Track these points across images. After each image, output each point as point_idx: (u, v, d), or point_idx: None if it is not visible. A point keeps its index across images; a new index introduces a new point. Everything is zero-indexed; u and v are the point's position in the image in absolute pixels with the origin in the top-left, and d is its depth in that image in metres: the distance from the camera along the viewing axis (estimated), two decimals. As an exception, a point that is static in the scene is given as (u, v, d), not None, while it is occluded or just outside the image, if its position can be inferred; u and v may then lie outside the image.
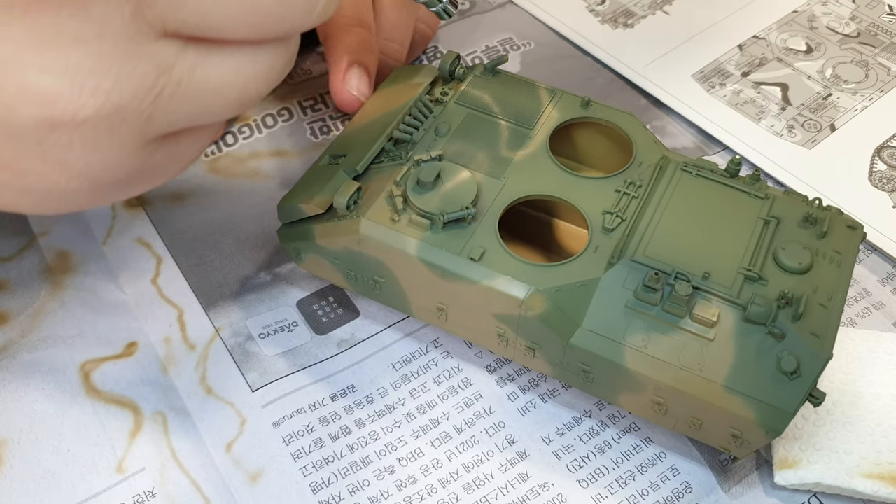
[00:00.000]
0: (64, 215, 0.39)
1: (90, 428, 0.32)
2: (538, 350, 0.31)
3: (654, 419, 0.31)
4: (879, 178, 0.42)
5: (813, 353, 0.28)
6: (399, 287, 0.32)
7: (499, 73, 0.37)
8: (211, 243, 0.38)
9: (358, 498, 0.31)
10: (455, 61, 0.37)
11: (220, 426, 0.33)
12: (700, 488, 0.32)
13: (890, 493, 0.30)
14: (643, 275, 0.29)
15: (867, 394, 0.32)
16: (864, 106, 0.45)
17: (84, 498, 0.31)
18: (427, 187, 0.31)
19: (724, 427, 0.29)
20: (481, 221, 0.31)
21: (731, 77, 0.47)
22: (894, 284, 0.38)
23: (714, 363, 0.28)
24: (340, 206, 0.31)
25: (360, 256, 0.32)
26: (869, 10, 0.51)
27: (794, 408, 0.28)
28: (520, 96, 0.36)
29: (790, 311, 0.28)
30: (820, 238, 0.31)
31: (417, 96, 0.36)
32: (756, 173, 0.33)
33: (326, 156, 0.35)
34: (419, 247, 0.31)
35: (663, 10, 0.51)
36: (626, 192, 0.32)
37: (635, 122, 0.35)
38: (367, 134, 0.35)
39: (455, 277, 0.30)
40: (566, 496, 0.31)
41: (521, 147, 0.34)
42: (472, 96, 0.36)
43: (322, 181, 0.33)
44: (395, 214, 0.31)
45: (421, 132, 0.34)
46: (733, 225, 0.31)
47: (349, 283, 0.34)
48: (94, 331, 0.35)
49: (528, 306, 0.29)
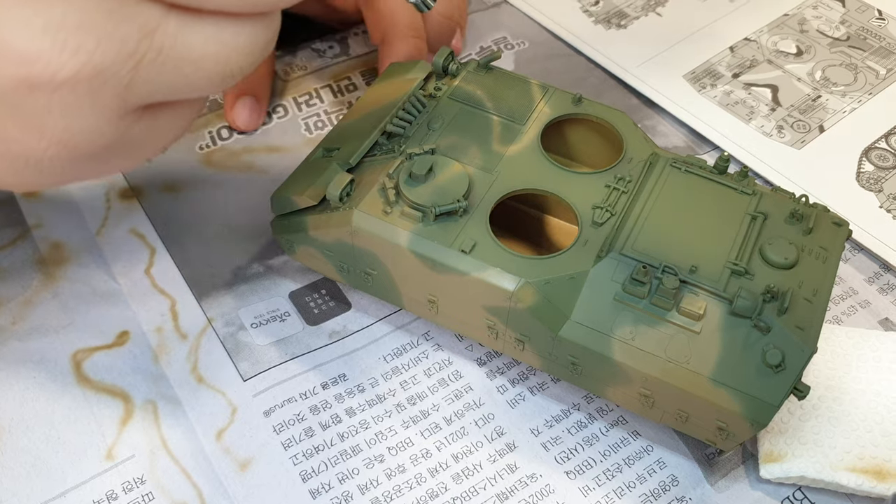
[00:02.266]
0: (58, 206, 0.39)
1: (81, 416, 0.33)
2: (527, 342, 0.31)
3: (642, 412, 0.31)
4: (867, 179, 0.42)
5: (798, 346, 0.28)
6: (391, 279, 0.33)
7: (492, 70, 0.37)
8: (204, 235, 0.39)
9: (347, 486, 0.31)
10: (449, 57, 0.37)
11: (211, 415, 0.33)
12: (686, 481, 0.32)
13: (873, 487, 0.30)
14: (631, 268, 0.29)
15: (852, 390, 0.33)
16: (853, 108, 0.46)
17: (74, 485, 0.31)
18: (419, 180, 0.31)
19: (710, 419, 0.29)
20: (473, 214, 0.31)
21: (722, 78, 0.47)
22: (880, 283, 0.38)
23: (700, 356, 0.28)
24: (333, 197, 0.32)
25: (353, 248, 0.32)
26: (859, 14, 0.51)
27: (779, 401, 0.28)
28: (512, 92, 0.36)
29: (776, 305, 0.29)
30: (806, 234, 0.31)
31: (411, 91, 0.36)
32: (744, 170, 0.33)
33: (320, 149, 0.35)
34: (410, 238, 0.31)
35: (656, 12, 0.51)
36: (615, 187, 0.32)
37: (626, 119, 0.35)
38: (361, 128, 0.35)
39: (446, 269, 0.30)
40: (553, 487, 0.32)
41: (513, 142, 0.34)
42: (465, 92, 0.36)
43: (315, 173, 0.34)
44: (388, 206, 0.31)
45: (414, 126, 0.35)
46: (721, 220, 0.31)
47: (341, 275, 0.34)
48: (86, 320, 0.35)
49: (518, 298, 0.30)
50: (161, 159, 0.42)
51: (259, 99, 0.43)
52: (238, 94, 0.43)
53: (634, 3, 0.52)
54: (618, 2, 0.52)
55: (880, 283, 0.38)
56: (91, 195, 0.40)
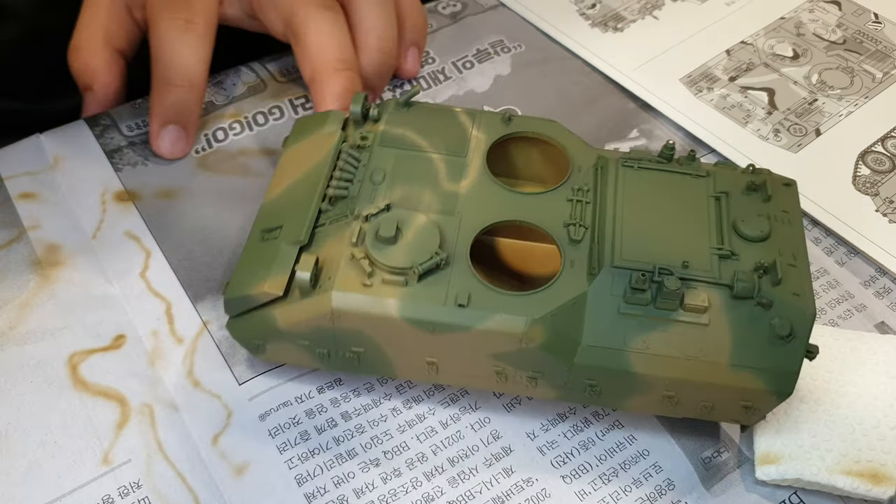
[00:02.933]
0: (53, 208, 0.39)
1: (77, 420, 0.32)
2: (541, 378, 0.30)
3: (665, 413, 0.31)
4: (863, 183, 0.42)
5: (800, 312, 0.29)
6: (381, 353, 0.31)
7: (413, 105, 0.35)
8: (200, 238, 0.39)
9: (343, 490, 0.31)
10: (364, 101, 0.35)
11: (207, 419, 0.33)
12: (682, 485, 0.32)
13: (868, 490, 0.30)
14: (626, 278, 0.29)
15: (849, 393, 0.33)
16: (849, 111, 0.46)
17: (70, 489, 0.31)
18: (389, 242, 0.29)
19: (736, 402, 0.30)
20: (454, 264, 0.30)
21: (719, 81, 0.47)
22: (876, 287, 0.38)
23: (715, 346, 0.29)
24: (304, 283, 0.29)
25: (334, 332, 0.30)
26: (855, 18, 0.51)
27: (798, 367, 0.29)
28: (442, 126, 0.34)
29: (769, 279, 0.29)
30: (766, 202, 0.32)
31: (336, 146, 0.34)
32: (692, 152, 0.33)
33: (257, 232, 0.32)
34: (400, 306, 0.29)
35: (652, 15, 0.51)
36: (577, 199, 0.32)
37: (560, 128, 0.35)
38: (296, 198, 0.32)
39: (446, 328, 0.29)
40: (550, 491, 0.32)
41: (462, 177, 0.32)
42: (394, 135, 0.34)
43: (266, 261, 0.31)
44: (366, 278, 0.29)
45: (356, 184, 0.32)
46: (688, 209, 0.31)
47: (321, 363, 0.32)
48: (82, 323, 0.35)
49: (529, 338, 0.29)
50: (157, 163, 0.42)
51: (185, 127, 0.41)
52: (163, 122, 0.41)
53: (631, 7, 0.52)
54: (614, 5, 0.52)
55: (876, 287, 0.38)
56: (86, 197, 0.40)
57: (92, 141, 0.42)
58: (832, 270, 0.39)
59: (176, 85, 0.40)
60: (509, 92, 0.47)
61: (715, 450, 0.33)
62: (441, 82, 0.47)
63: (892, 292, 0.38)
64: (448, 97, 0.46)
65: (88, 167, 0.41)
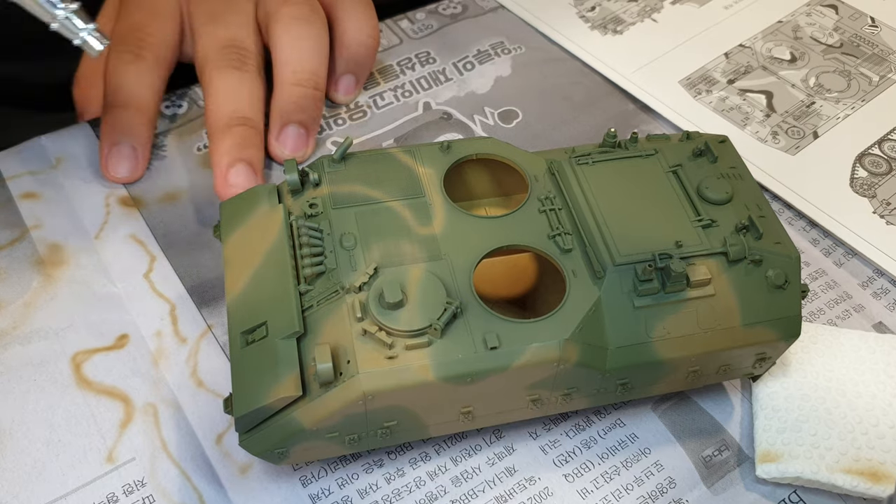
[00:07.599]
0: (56, 208, 0.39)
1: (81, 418, 0.33)
2: (575, 392, 0.30)
3: (687, 386, 0.32)
4: (860, 185, 0.43)
5: (787, 259, 0.31)
6: (416, 419, 0.29)
7: (348, 158, 0.33)
8: (204, 242, 0.39)
9: (347, 491, 0.31)
10: (296, 167, 0.32)
11: (211, 418, 0.33)
12: (683, 483, 0.32)
13: (868, 488, 0.30)
14: (632, 273, 0.30)
15: (848, 392, 0.33)
16: (847, 114, 0.46)
17: (74, 487, 0.31)
18: (398, 306, 0.28)
19: (750, 357, 0.31)
20: (467, 308, 0.29)
21: (718, 84, 0.48)
22: (874, 288, 0.39)
23: (725, 312, 0.30)
24: (328, 374, 0.27)
25: (366, 415, 0.28)
26: (852, 22, 0.52)
27: (800, 309, 0.31)
28: (386, 171, 0.33)
29: (752, 236, 0.31)
30: (713, 163, 0.33)
31: (284, 222, 0.31)
32: (634, 134, 0.34)
33: (237, 337, 0.29)
34: (434, 367, 0.27)
35: (652, 18, 0.52)
36: (549, 208, 0.32)
37: (497, 143, 0.34)
38: (267, 289, 0.30)
39: (484, 374, 0.28)
40: (552, 490, 0.32)
41: (432, 217, 0.31)
42: (344, 194, 0.32)
43: (267, 364, 0.28)
44: (387, 350, 0.27)
45: (331, 256, 0.30)
46: (655, 190, 0.32)
47: (350, 447, 0.30)
48: (86, 323, 0.35)
49: (564, 359, 0.28)
50: (159, 162, 0.42)
51: (133, 147, 0.40)
52: (110, 143, 0.40)
53: (630, 9, 0.52)
54: (614, 7, 0.52)
55: (874, 288, 0.39)
56: (90, 199, 0.40)
57: (94, 142, 0.42)
58: (830, 271, 0.39)
59: (118, 106, 0.40)
60: (510, 93, 0.47)
61: (716, 448, 0.33)
62: (441, 83, 0.47)
63: (889, 293, 0.39)
64: (448, 98, 0.46)
65: (90, 168, 0.41)
